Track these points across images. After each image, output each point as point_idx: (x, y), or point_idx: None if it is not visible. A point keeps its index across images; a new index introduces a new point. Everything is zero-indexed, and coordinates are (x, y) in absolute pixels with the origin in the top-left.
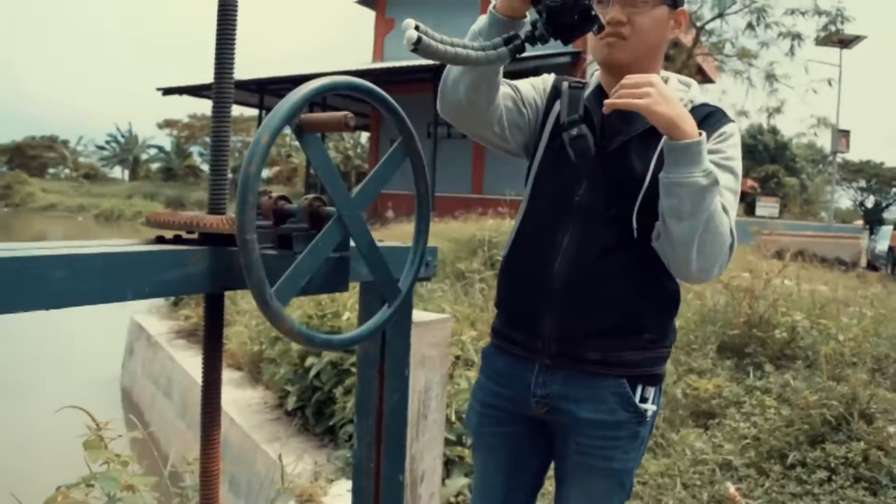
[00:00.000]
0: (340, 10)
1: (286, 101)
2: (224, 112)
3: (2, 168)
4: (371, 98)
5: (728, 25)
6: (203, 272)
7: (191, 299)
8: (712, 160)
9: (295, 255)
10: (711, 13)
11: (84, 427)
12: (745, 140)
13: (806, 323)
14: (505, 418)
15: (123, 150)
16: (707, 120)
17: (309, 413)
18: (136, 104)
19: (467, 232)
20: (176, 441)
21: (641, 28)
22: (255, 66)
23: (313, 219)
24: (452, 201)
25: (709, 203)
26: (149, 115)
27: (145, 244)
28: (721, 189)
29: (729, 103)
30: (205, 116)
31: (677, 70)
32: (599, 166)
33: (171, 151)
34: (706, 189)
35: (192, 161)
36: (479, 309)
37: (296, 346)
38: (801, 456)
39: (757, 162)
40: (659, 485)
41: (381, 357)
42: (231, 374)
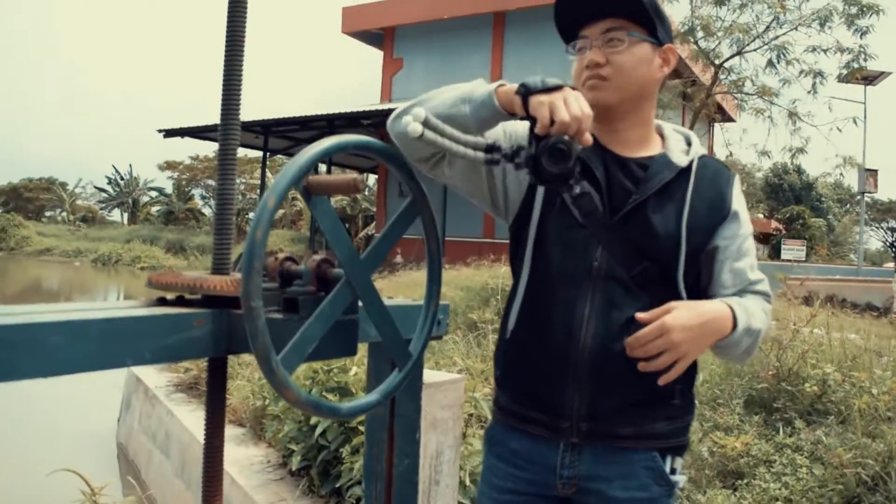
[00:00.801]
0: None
1: (293, 164)
2: (229, 171)
3: None
4: (381, 157)
5: (748, 63)
6: (206, 336)
7: None
8: (740, 238)
9: (302, 320)
10: (730, 51)
11: (78, 489)
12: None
13: (837, 376)
14: (526, 502)
15: (123, 193)
16: (717, 180)
17: (314, 473)
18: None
19: (479, 280)
20: (174, 503)
21: (622, 67)
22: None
23: (321, 281)
24: (464, 246)
25: (757, 340)
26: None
27: (146, 307)
28: (749, 256)
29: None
30: (207, 158)
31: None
32: (616, 228)
33: (172, 194)
34: (754, 341)
35: (194, 204)
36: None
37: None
38: None
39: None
40: None
41: (391, 419)
42: (232, 431)
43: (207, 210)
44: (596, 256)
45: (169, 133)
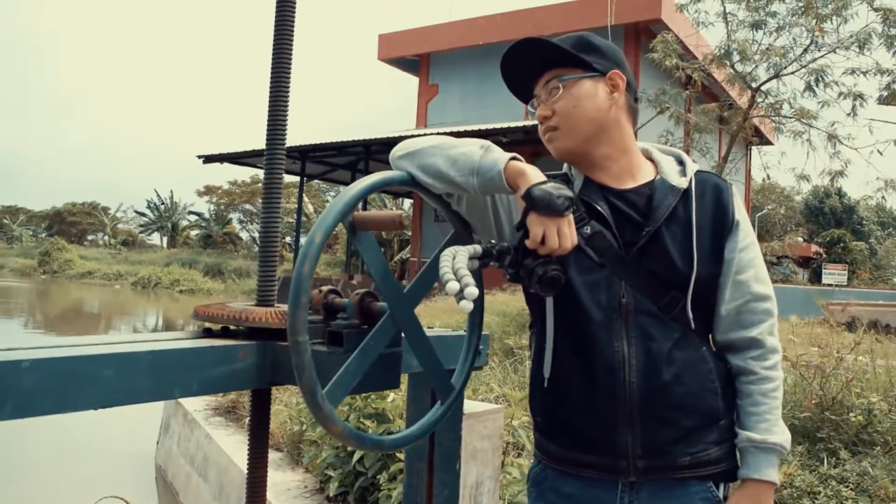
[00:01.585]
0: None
1: (340, 200)
2: (274, 206)
3: (41, 234)
4: (424, 193)
5: (786, 86)
6: (250, 368)
7: None
8: (742, 251)
9: (346, 353)
10: (767, 74)
11: None
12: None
13: (883, 405)
14: None
15: (162, 217)
16: (716, 194)
17: (352, 500)
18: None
19: (516, 305)
20: None
21: (564, 112)
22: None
23: (364, 314)
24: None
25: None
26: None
27: (193, 338)
28: (753, 268)
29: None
30: (244, 183)
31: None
32: (634, 262)
33: (210, 218)
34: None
35: (232, 228)
36: None
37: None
38: None
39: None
40: None
41: (431, 450)
42: (270, 455)
43: (245, 234)
44: (622, 293)
45: (208, 159)
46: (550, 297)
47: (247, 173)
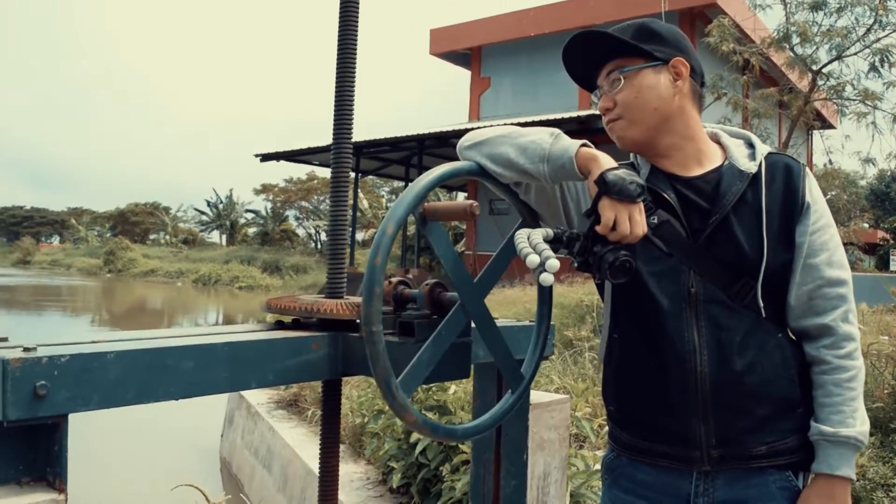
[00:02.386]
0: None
1: (410, 191)
2: (342, 200)
3: (106, 234)
4: (493, 184)
5: (848, 68)
6: (322, 359)
7: None
8: (814, 233)
9: (417, 344)
10: (829, 56)
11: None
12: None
13: None
14: None
15: (221, 216)
16: (787, 176)
17: (414, 491)
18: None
19: (574, 297)
20: None
21: (626, 103)
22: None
23: (434, 305)
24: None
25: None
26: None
27: (266, 330)
28: (826, 251)
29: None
30: (300, 181)
31: (794, 117)
32: (703, 251)
33: (267, 216)
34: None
35: (288, 225)
36: (591, 381)
37: (401, 421)
38: None
39: (888, 212)
40: None
41: (498, 441)
42: None
43: (301, 231)
44: (691, 282)
45: (265, 157)
46: (617, 288)
47: (302, 170)
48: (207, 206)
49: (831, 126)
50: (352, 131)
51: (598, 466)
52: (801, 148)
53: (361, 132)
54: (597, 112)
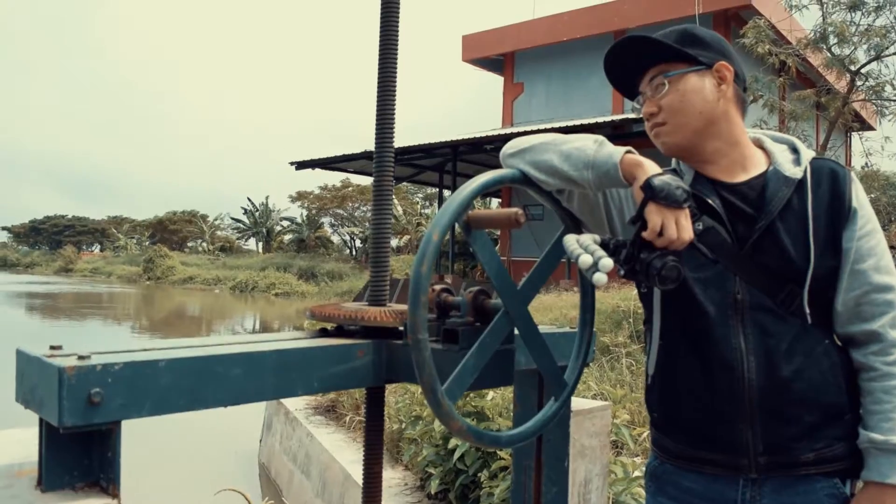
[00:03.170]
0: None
1: (455, 199)
2: (385, 208)
3: (145, 242)
4: (536, 192)
5: (888, 68)
6: (367, 365)
7: None
8: (861, 238)
9: (461, 351)
10: (867, 56)
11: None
12: None
13: None
14: None
15: (258, 223)
16: (836, 185)
17: (452, 497)
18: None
19: (610, 302)
20: None
21: (671, 107)
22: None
23: (478, 312)
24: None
25: None
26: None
27: (311, 338)
28: (874, 257)
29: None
30: (335, 188)
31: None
32: (749, 257)
33: (303, 223)
34: None
35: (323, 232)
36: (629, 387)
37: (438, 427)
38: None
39: None
40: None
41: (539, 448)
42: None
43: (336, 238)
44: (737, 289)
45: (300, 165)
46: (663, 295)
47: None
48: (244, 214)
49: (870, 127)
50: (393, 142)
51: (638, 473)
52: (840, 150)
53: (395, 139)
54: (631, 116)
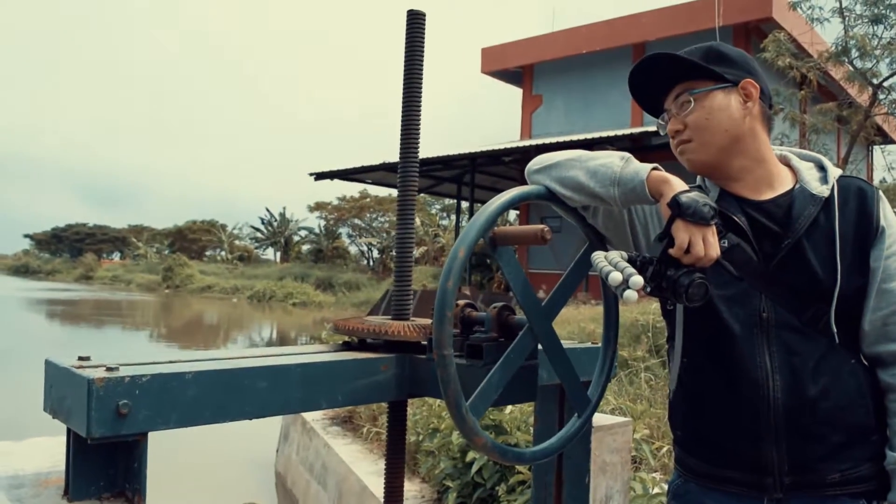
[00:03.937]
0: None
1: (481, 215)
2: (408, 223)
3: (164, 251)
4: (561, 208)
5: None
6: (391, 380)
7: None
8: (889, 258)
9: (486, 367)
10: (890, 69)
11: None
12: None
13: None
14: None
15: (276, 233)
16: (864, 203)
17: None
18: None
19: (629, 316)
20: None
21: (697, 125)
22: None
23: (502, 328)
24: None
25: None
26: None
27: (335, 351)
28: None
29: None
30: (353, 199)
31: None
32: (775, 275)
33: (321, 233)
34: None
35: (341, 242)
36: (648, 402)
37: (456, 439)
38: None
39: None
40: None
41: (560, 464)
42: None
43: (353, 248)
44: (762, 307)
45: (319, 176)
46: (688, 312)
47: (355, 188)
48: (262, 224)
49: (892, 141)
50: (418, 156)
51: (658, 490)
52: (861, 164)
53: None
54: (650, 129)
